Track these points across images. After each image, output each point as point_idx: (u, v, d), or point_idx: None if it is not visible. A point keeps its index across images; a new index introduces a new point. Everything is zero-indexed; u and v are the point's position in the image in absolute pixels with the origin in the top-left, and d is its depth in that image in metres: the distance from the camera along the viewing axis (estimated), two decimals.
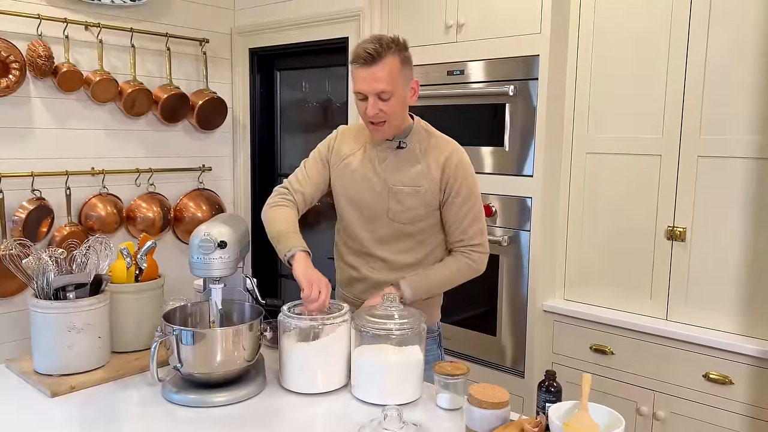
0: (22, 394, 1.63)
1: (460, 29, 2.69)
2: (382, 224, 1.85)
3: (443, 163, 1.81)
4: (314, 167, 1.94)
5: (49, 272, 1.71)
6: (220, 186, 3.67)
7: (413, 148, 1.84)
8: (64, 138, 3.02)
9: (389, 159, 1.85)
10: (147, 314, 1.88)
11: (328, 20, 3.17)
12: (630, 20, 2.40)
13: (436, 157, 1.82)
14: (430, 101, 2.80)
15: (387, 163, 1.85)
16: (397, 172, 1.83)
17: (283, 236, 1.78)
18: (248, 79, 3.65)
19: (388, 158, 1.85)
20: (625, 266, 2.49)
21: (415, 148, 1.84)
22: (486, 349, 2.73)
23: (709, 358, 2.21)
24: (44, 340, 1.68)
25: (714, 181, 2.25)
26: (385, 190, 1.83)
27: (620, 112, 2.46)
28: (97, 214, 3.07)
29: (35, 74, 2.83)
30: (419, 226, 1.84)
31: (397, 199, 1.82)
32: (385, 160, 1.85)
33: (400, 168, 1.83)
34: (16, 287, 2.85)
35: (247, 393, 1.61)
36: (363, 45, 1.71)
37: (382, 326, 1.59)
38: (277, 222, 1.83)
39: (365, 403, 1.59)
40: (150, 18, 3.27)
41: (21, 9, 2.80)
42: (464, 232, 1.84)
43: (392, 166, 1.84)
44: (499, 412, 1.40)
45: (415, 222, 1.84)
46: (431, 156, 1.83)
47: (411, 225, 1.84)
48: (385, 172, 1.84)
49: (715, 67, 2.22)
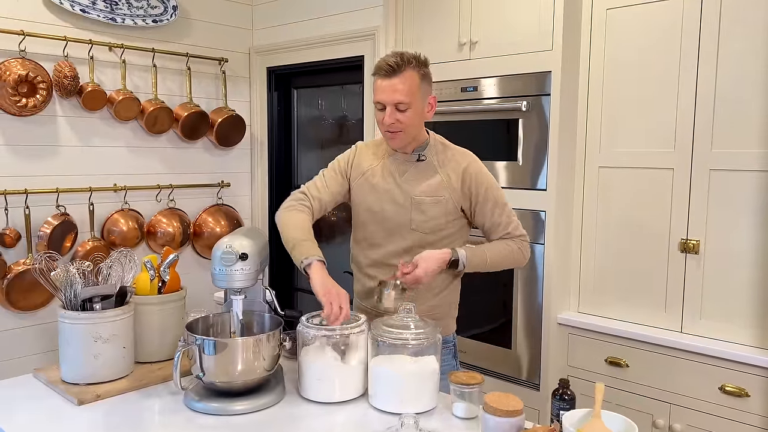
0: (50, 402, 1.68)
1: (473, 47, 2.75)
2: (404, 235, 1.91)
3: (462, 172, 1.89)
4: (333, 178, 2.00)
5: (77, 284, 1.76)
6: (238, 201, 3.74)
7: (431, 160, 1.91)
8: (88, 155, 3.11)
9: (409, 171, 1.92)
10: (169, 325, 1.93)
11: (344, 39, 3.24)
12: (640, 36, 2.45)
13: (454, 168, 1.90)
14: (445, 117, 2.85)
15: (407, 175, 1.91)
16: (419, 184, 1.90)
17: (299, 243, 1.82)
18: (266, 97, 3.73)
19: (408, 170, 1.92)
20: (639, 279, 2.51)
21: (433, 160, 1.91)
22: (501, 361, 2.75)
23: (725, 371, 2.22)
24: (71, 350, 1.74)
25: (726, 194, 2.27)
26: (407, 201, 1.89)
27: (632, 127, 2.49)
28: (119, 229, 3.15)
29: (61, 94, 2.93)
30: (440, 234, 1.90)
31: (421, 209, 1.88)
32: (405, 172, 1.92)
33: (420, 180, 1.90)
34: (40, 301, 2.93)
35: (266, 402, 1.65)
36: (385, 58, 1.81)
37: (398, 336, 1.63)
38: (293, 227, 1.87)
39: (382, 412, 1.63)
40: (171, 38, 3.37)
41: (49, 31, 2.90)
42: (506, 227, 1.91)
43: (413, 178, 1.91)
44: (513, 420, 1.42)
45: (436, 231, 1.90)
46: (449, 167, 1.90)
47: (432, 234, 1.90)
48: (407, 183, 1.91)
49: (725, 80, 2.25)
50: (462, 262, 1.84)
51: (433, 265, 1.79)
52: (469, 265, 1.85)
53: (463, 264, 1.84)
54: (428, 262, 1.79)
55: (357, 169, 1.99)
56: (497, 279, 2.71)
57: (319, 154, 3.78)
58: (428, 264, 1.79)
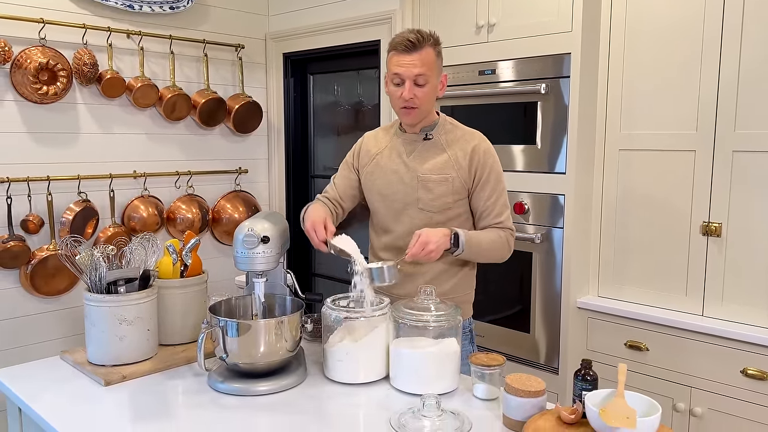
0: (77, 382, 1.72)
1: (491, 29, 2.73)
2: (413, 215, 1.92)
3: (470, 151, 1.89)
4: (343, 177, 2.07)
5: (101, 268, 1.79)
6: (255, 187, 3.76)
7: (439, 139, 1.93)
8: (107, 142, 3.13)
9: (417, 150, 1.93)
10: (192, 308, 1.96)
11: (360, 24, 3.23)
12: (661, 15, 2.41)
13: (462, 147, 1.90)
14: (462, 101, 2.83)
15: (414, 154, 1.93)
16: (425, 162, 1.91)
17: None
18: (282, 83, 3.73)
19: (416, 150, 1.93)
20: (660, 262, 2.49)
21: (440, 139, 1.92)
22: (520, 346, 2.75)
23: (747, 354, 2.20)
24: (97, 332, 1.77)
25: (750, 175, 2.24)
26: (414, 180, 1.90)
27: (653, 108, 2.46)
28: (139, 215, 3.18)
29: (81, 81, 2.95)
30: (448, 215, 1.90)
31: (427, 187, 1.89)
32: (412, 152, 1.93)
33: (427, 158, 1.91)
34: (63, 286, 2.97)
35: (289, 383, 1.67)
36: (404, 35, 1.82)
37: (419, 318, 1.64)
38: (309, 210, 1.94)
39: (404, 393, 1.64)
40: (188, 25, 3.38)
41: (68, 19, 2.92)
42: (497, 217, 1.90)
43: (419, 157, 1.92)
44: (535, 400, 1.43)
45: (444, 210, 1.90)
46: (458, 146, 1.91)
47: (440, 214, 1.90)
48: (413, 162, 1.92)
49: (749, 60, 2.21)
50: (461, 241, 1.79)
51: (435, 234, 1.76)
52: (467, 244, 1.80)
53: (462, 244, 1.79)
54: (429, 231, 1.77)
55: (366, 156, 2.03)
56: (516, 263, 2.70)
57: (335, 139, 3.78)
58: (428, 234, 1.76)
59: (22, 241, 2.80)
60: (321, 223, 1.81)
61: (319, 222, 1.82)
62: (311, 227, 1.82)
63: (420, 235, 1.76)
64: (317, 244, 1.81)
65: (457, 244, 1.80)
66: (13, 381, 1.72)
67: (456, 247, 1.80)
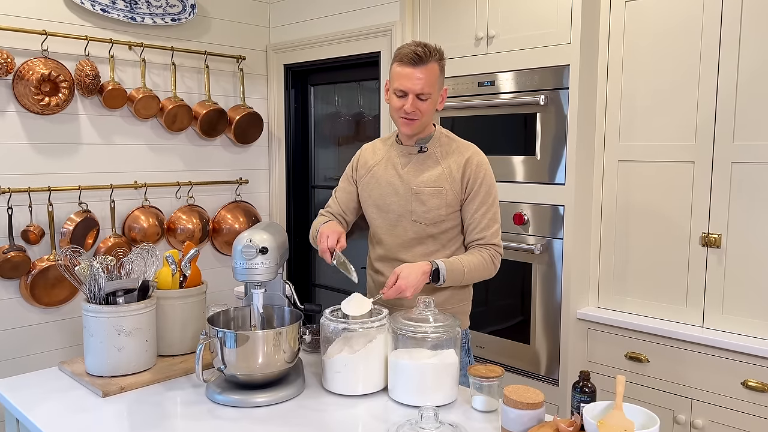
0: (75, 393, 1.71)
1: (490, 41, 2.74)
2: (406, 227, 1.93)
3: (464, 163, 1.90)
4: (344, 189, 2.09)
5: (100, 278, 1.79)
6: (256, 198, 3.77)
7: (433, 152, 1.94)
8: (109, 153, 3.14)
9: (411, 162, 1.95)
10: (190, 319, 1.96)
11: (360, 35, 3.25)
12: (659, 28, 2.42)
13: (456, 159, 1.91)
14: (462, 112, 2.84)
15: (409, 166, 1.94)
16: (419, 174, 1.92)
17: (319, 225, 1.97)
18: (283, 94, 3.75)
19: (410, 162, 1.95)
20: (660, 273, 2.49)
21: (435, 152, 1.94)
22: (520, 357, 2.74)
23: (747, 366, 2.19)
24: (95, 343, 1.77)
25: (749, 186, 2.25)
26: (408, 192, 1.92)
27: (652, 120, 2.47)
28: (139, 225, 3.19)
29: (83, 92, 2.97)
30: (441, 227, 1.91)
31: (420, 200, 1.90)
32: (407, 164, 1.95)
33: (421, 170, 1.92)
34: (63, 297, 2.97)
35: (287, 394, 1.67)
36: (410, 47, 1.82)
37: (418, 329, 1.63)
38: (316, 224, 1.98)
39: (402, 404, 1.63)
40: (190, 37, 3.40)
41: (70, 31, 2.94)
42: (483, 231, 1.90)
43: (414, 169, 1.93)
44: (534, 412, 1.42)
45: (438, 223, 1.90)
46: (452, 159, 1.92)
47: (433, 226, 1.91)
48: (408, 174, 1.93)
49: (748, 71, 2.22)
50: (442, 275, 1.79)
51: (414, 273, 1.75)
52: (449, 276, 1.81)
53: (443, 277, 1.80)
54: (409, 269, 1.76)
55: (363, 167, 2.05)
56: (516, 274, 2.70)
57: (335, 150, 3.79)
58: (409, 271, 1.75)
59: (22, 252, 2.80)
60: (336, 234, 1.84)
61: (335, 232, 1.85)
62: (326, 231, 1.85)
63: (398, 276, 1.75)
64: (323, 250, 1.82)
65: (437, 278, 1.80)
66: (11, 392, 1.72)
67: (436, 281, 1.81)
